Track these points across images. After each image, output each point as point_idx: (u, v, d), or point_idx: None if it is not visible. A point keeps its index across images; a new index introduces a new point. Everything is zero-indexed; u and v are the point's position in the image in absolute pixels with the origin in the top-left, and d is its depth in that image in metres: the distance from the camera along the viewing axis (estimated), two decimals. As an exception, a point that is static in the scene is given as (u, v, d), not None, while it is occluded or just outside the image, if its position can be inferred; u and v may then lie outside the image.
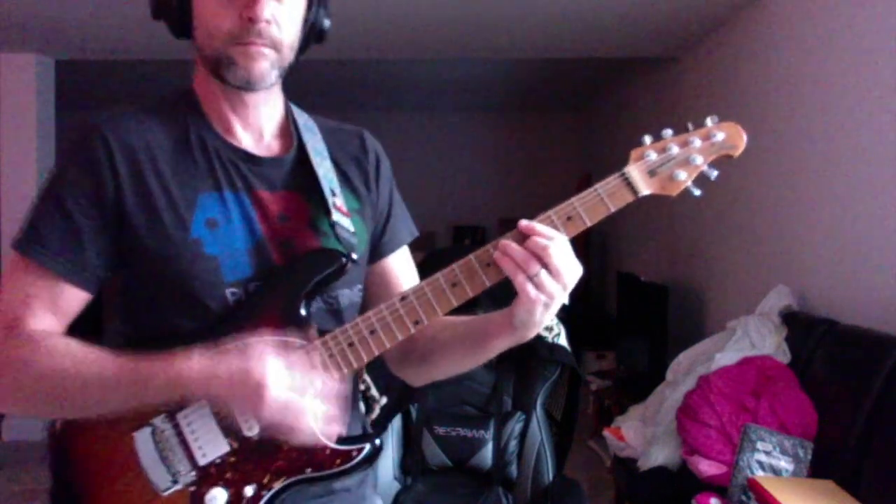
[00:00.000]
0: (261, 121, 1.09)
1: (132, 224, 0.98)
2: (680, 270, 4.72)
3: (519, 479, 2.18)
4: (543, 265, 0.93)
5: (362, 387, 1.21)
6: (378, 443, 1.03)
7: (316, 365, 0.96)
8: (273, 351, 0.91)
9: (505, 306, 1.00)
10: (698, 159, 1.00)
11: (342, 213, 1.07)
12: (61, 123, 5.06)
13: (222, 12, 0.98)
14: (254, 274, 1.01)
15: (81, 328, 1.01)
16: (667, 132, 1.02)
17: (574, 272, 0.95)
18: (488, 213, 7.51)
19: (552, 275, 0.94)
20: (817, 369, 2.58)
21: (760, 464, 2.37)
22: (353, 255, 1.04)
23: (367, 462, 1.01)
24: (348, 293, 1.09)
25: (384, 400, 1.23)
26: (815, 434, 2.42)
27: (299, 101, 1.15)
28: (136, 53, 4.71)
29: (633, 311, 4.73)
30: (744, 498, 2.31)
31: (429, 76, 6.12)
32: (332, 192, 1.07)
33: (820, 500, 2.13)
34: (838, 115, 2.89)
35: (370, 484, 1.19)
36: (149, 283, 1.00)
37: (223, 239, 1.01)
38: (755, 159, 3.39)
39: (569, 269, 0.94)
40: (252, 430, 0.97)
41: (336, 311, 1.07)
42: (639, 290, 4.63)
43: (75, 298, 0.99)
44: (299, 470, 0.99)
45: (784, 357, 2.71)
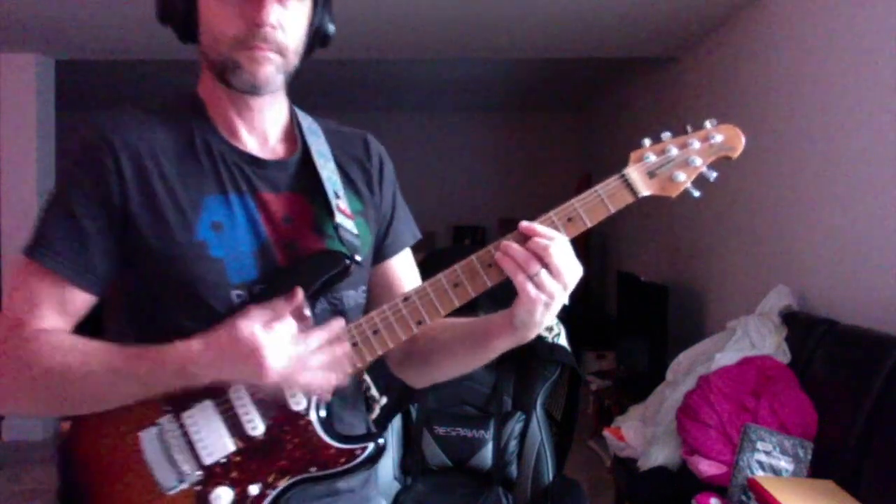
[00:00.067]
0: (266, 124, 1.09)
1: (137, 226, 0.99)
2: (680, 270, 4.73)
3: (519, 479, 2.19)
4: (544, 265, 0.94)
5: (362, 387, 1.22)
6: (382, 442, 1.04)
7: (307, 320, 0.97)
8: (260, 318, 0.92)
9: (505, 307, 1.00)
10: (697, 161, 1.01)
11: (345, 216, 1.08)
12: (61, 123, 5.06)
13: (228, 17, 0.99)
14: (259, 276, 1.02)
15: (81, 328, 1.01)
16: (666, 134, 1.03)
17: (574, 272, 0.96)
18: (488, 213, 7.51)
19: (553, 274, 0.94)
20: (817, 369, 2.58)
21: (760, 464, 2.37)
22: (357, 257, 1.05)
23: (371, 461, 1.02)
24: (353, 294, 1.10)
25: (384, 400, 1.23)
26: (815, 434, 2.42)
27: (300, 101, 1.15)
28: (136, 53, 4.71)
29: (633, 311, 4.73)
30: (744, 498, 2.31)
31: (429, 76, 6.12)
32: (336, 195, 1.08)
33: (820, 500, 2.14)
34: (838, 115, 2.89)
35: (374, 484, 1.19)
36: (153, 284, 1.00)
37: (228, 241, 1.01)
38: (755, 159, 3.39)
39: (569, 269, 0.95)
40: (256, 429, 0.98)
41: (341, 313, 1.08)
42: (639, 290, 4.64)
43: (81, 300, 1.00)
44: (303, 469, 1.00)
45: (784, 357, 2.72)
